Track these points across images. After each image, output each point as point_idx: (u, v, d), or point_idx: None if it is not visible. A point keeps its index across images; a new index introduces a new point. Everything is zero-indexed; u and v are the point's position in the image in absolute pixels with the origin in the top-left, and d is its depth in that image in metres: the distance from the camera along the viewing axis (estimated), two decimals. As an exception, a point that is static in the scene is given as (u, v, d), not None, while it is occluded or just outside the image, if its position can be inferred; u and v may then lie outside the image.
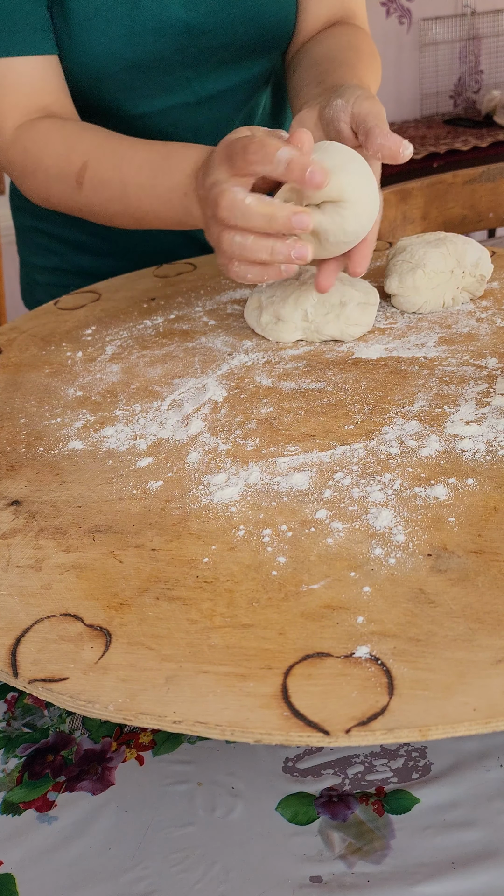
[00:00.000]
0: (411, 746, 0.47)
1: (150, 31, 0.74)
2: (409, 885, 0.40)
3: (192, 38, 0.76)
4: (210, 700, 0.34)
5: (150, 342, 0.70)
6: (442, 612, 0.37)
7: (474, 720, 0.31)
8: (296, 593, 0.39)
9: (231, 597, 0.39)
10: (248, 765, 0.47)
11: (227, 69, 0.80)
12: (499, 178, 1.30)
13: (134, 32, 0.73)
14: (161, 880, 0.41)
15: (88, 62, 0.73)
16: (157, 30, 0.74)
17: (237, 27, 0.77)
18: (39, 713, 0.52)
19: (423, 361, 0.61)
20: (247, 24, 0.77)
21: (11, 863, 0.43)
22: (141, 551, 0.43)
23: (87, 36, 0.72)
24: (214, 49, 0.78)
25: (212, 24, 0.76)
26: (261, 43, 0.80)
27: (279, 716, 0.33)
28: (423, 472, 0.47)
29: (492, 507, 0.44)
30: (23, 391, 0.64)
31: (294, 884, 0.40)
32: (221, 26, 0.76)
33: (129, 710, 0.34)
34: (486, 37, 2.90)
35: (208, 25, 0.76)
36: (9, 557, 0.44)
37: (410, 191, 1.24)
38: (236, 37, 0.78)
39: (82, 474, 0.51)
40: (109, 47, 0.73)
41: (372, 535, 0.43)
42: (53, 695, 0.35)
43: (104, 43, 0.72)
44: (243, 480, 0.49)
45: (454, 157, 2.44)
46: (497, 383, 0.56)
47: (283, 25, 0.80)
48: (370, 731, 0.31)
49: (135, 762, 0.48)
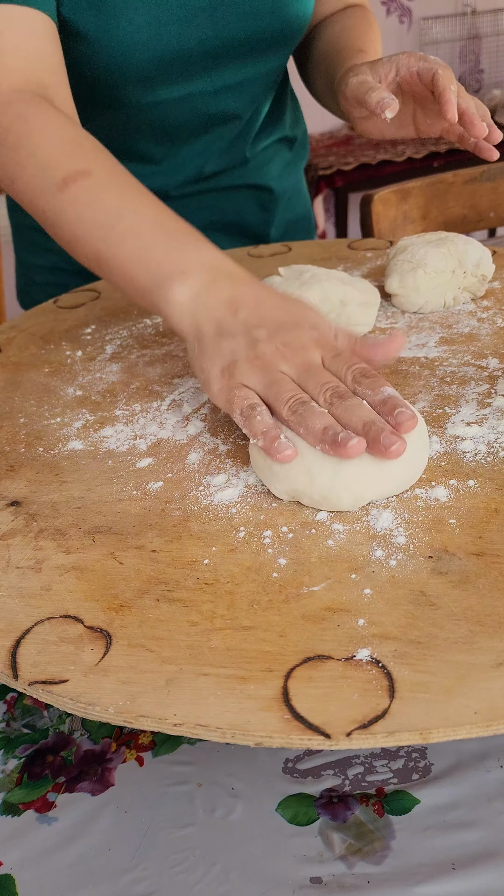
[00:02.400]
0: (411, 747, 0.47)
1: (176, 22, 0.75)
2: (410, 885, 0.40)
3: (216, 28, 0.77)
4: (210, 702, 0.34)
5: (150, 341, 0.70)
6: (443, 615, 0.37)
7: (475, 723, 0.31)
8: (296, 595, 0.39)
9: (231, 599, 0.39)
10: (248, 765, 0.47)
11: (246, 61, 0.82)
12: (499, 178, 1.30)
13: (160, 23, 0.74)
14: (161, 881, 0.41)
15: (114, 52, 0.74)
16: (183, 19, 0.75)
17: (259, 19, 0.79)
18: (39, 714, 0.52)
19: (424, 362, 0.61)
20: (269, 16, 0.79)
21: (11, 863, 0.43)
22: (141, 552, 0.43)
23: (116, 25, 0.73)
24: (236, 41, 0.79)
25: (235, 15, 0.78)
26: (280, 36, 0.82)
27: (280, 718, 0.33)
28: (424, 474, 0.47)
29: (493, 508, 0.44)
30: (22, 391, 0.64)
31: (294, 884, 0.40)
32: (244, 18, 0.78)
33: (129, 713, 0.34)
34: (486, 36, 2.90)
35: (231, 17, 0.77)
36: (8, 558, 0.44)
37: (411, 190, 1.24)
38: (258, 29, 0.79)
39: (82, 475, 0.51)
40: (136, 37, 0.74)
41: (373, 536, 0.43)
42: (53, 697, 0.35)
43: (131, 33, 0.73)
44: (244, 481, 0.48)
45: (454, 156, 2.44)
46: (498, 384, 0.56)
47: (302, 19, 0.82)
48: (371, 734, 0.31)
49: (134, 763, 0.48)
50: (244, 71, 0.83)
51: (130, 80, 0.77)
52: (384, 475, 0.43)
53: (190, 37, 0.76)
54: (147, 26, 0.74)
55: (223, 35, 0.78)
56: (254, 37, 0.80)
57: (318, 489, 0.43)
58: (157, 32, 0.74)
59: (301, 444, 0.44)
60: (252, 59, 0.83)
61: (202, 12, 0.76)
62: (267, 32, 0.80)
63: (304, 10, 0.82)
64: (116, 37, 0.73)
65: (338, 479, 0.42)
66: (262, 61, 0.84)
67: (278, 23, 0.80)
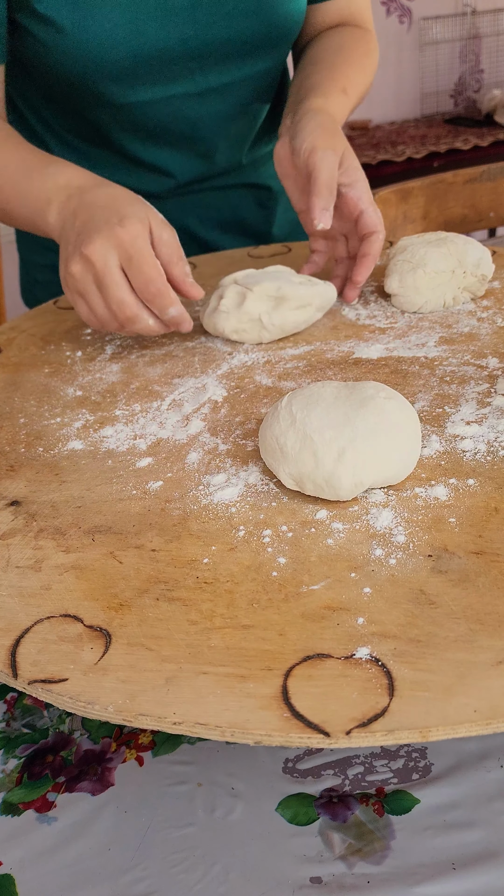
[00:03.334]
0: (411, 747, 0.47)
1: (155, 20, 0.74)
2: (410, 885, 0.40)
3: (197, 28, 0.76)
4: (210, 701, 0.34)
5: (150, 341, 0.70)
6: (442, 613, 0.37)
7: (475, 721, 0.31)
8: (296, 594, 0.39)
9: (231, 598, 0.39)
10: (248, 765, 0.47)
11: (231, 63, 0.81)
12: (499, 178, 1.30)
13: (139, 20, 0.73)
14: (161, 881, 0.41)
15: (91, 48, 0.73)
16: (162, 18, 0.74)
17: (242, 20, 0.77)
18: (39, 714, 0.52)
19: (424, 361, 0.61)
20: (252, 17, 0.77)
21: (11, 863, 0.43)
22: (141, 552, 0.43)
23: (92, 21, 0.72)
24: (219, 42, 0.78)
25: (217, 15, 0.76)
26: (266, 38, 0.80)
27: (279, 717, 0.32)
28: (424, 473, 0.47)
29: (493, 507, 0.44)
30: (22, 391, 0.64)
31: (294, 884, 0.40)
32: (226, 18, 0.76)
33: (128, 712, 0.34)
34: (486, 36, 2.90)
35: (213, 16, 0.76)
36: (8, 558, 0.44)
37: (411, 190, 1.24)
38: (241, 30, 0.78)
39: (82, 474, 0.51)
40: (113, 34, 0.73)
41: (372, 535, 0.43)
42: (53, 696, 0.35)
43: (108, 29, 0.73)
44: (243, 481, 0.48)
45: (455, 156, 2.44)
46: (498, 383, 0.56)
47: (289, 22, 0.80)
48: (370, 733, 0.31)
49: (134, 763, 0.48)
50: (229, 73, 0.81)
51: (109, 76, 0.76)
52: (383, 461, 0.45)
53: (169, 36, 0.75)
54: (125, 24, 0.73)
55: (204, 35, 0.77)
56: (237, 38, 0.78)
57: (322, 473, 0.44)
58: (136, 30, 0.73)
59: (308, 428, 0.45)
60: (238, 62, 0.81)
61: (183, 11, 0.75)
62: (251, 34, 0.78)
63: (290, 12, 0.79)
64: (93, 32, 0.72)
65: (340, 465, 0.44)
66: (249, 64, 0.81)
67: (263, 25, 0.78)
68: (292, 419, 0.46)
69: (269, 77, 0.86)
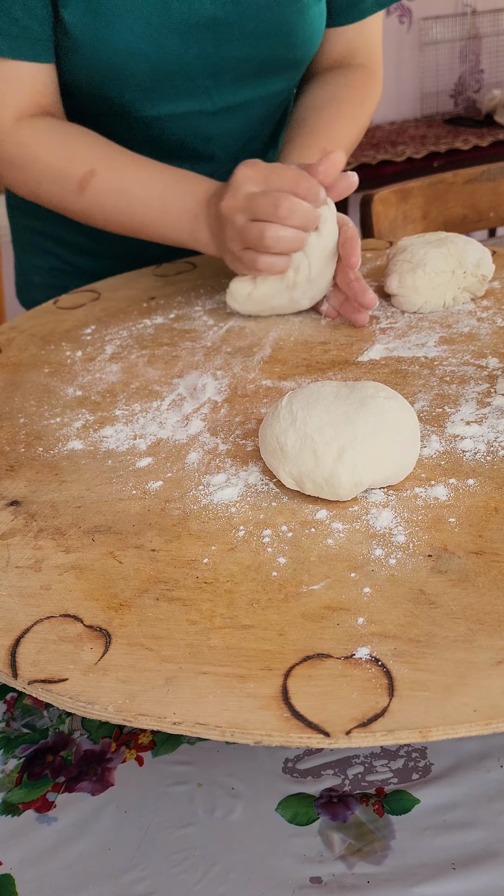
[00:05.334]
0: (411, 747, 0.47)
1: (177, 34, 0.74)
2: (410, 885, 0.40)
3: (217, 45, 0.77)
4: (210, 701, 0.34)
5: (150, 341, 0.70)
6: (442, 613, 0.37)
7: (475, 721, 0.31)
8: (296, 594, 0.39)
9: (231, 597, 0.39)
10: (248, 765, 0.47)
11: (247, 83, 0.81)
12: (499, 178, 1.30)
13: (161, 33, 0.74)
14: (161, 881, 0.41)
15: (112, 59, 0.73)
16: (184, 33, 0.75)
17: (262, 40, 0.78)
18: (39, 714, 0.52)
19: (424, 361, 0.61)
20: (272, 39, 0.78)
21: (11, 863, 0.43)
22: (140, 552, 0.43)
23: (114, 32, 0.72)
24: (237, 60, 0.78)
25: (238, 34, 0.76)
26: (282, 60, 0.81)
27: (279, 717, 0.32)
28: (424, 473, 0.47)
29: (492, 507, 0.44)
30: (22, 391, 0.64)
31: (294, 885, 0.40)
32: (247, 38, 0.77)
33: (128, 712, 0.34)
34: (486, 36, 2.90)
35: (234, 35, 0.76)
36: (8, 558, 0.44)
37: (411, 190, 1.24)
38: (260, 50, 0.78)
39: (82, 474, 0.51)
40: (135, 45, 0.73)
41: (372, 535, 0.43)
42: (53, 696, 0.35)
43: (130, 41, 0.73)
44: (243, 481, 0.48)
45: (454, 156, 2.44)
46: (498, 383, 0.56)
47: (306, 44, 0.81)
48: (370, 733, 0.31)
49: (134, 763, 0.48)
50: (245, 92, 0.82)
51: (130, 88, 0.77)
52: (382, 461, 0.45)
53: (189, 51, 0.76)
54: (146, 36, 0.73)
55: (224, 53, 0.77)
56: (256, 58, 0.79)
57: (321, 472, 0.44)
58: (157, 43, 0.74)
59: (309, 427, 0.45)
60: (253, 82, 0.81)
61: (204, 28, 0.75)
62: (269, 55, 0.79)
63: (309, 35, 0.80)
64: (115, 44, 0.73)
65: (340, 464, 0.44)
66: (264, 84, 0.82)
67: (281, 46, 0.79)
68: (293, 418, 0.46)
69: (281, 97, 0.87)
